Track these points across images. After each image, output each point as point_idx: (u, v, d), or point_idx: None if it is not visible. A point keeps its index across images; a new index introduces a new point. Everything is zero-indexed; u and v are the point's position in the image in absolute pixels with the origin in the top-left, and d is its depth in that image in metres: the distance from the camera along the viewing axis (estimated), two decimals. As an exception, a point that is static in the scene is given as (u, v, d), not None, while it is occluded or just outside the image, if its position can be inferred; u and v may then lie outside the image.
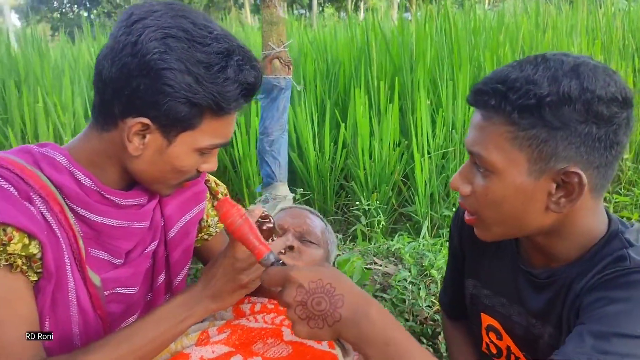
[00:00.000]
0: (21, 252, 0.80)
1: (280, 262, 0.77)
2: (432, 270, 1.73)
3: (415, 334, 1.57)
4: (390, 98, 3.16)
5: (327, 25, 5.64)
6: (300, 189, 2.87)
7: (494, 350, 1.02)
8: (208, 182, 1.13)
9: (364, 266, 1.76)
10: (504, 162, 0.78)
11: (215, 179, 1.17)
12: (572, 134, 0.74)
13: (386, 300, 1.62)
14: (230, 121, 0.88)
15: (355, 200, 2.89)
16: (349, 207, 3.01)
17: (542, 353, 0.88)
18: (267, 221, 0.90)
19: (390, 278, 1.73)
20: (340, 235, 2.26)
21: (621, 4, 4.93)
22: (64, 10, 26.79)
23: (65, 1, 26.40)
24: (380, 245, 2.05)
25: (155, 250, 1.02)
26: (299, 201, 2.88)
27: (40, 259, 0.82)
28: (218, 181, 1.17)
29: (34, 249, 0.81)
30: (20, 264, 0.81)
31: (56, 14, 26.25)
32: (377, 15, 5.37)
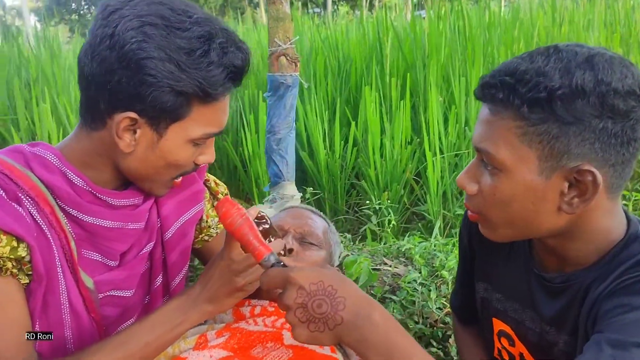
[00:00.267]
0: (10, 255, 0.78)
1: (281, 264, 0.74)
2: (443, 271, 1.68)
3: (425, 337, 1.53)
4: (402, 95, 3.12)
5: (340, 23, 5.61)
6: (310, 188, 2.84)
7: (507, 357, 0.98)
8: (208, 182, 1.10)
9: (372, 267, 1.72)
10: (512, 160, 0.73)
11: (215, 178, 1.14)
12: (586, 129, 0.69)
13: (395, 302, 1.58)
14: (221, 107, 0.84)
15: (366, 199, 2.86)
16: (360, 206, 2.97)
17: (557, 361, 0.84)
18: (263, 222, 0.87)
19: (400, 279, 1.69)
20: (349, 235, 2.22)
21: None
22: (81, 12, 27.16)
23: (83, 3, 26.77)
24: (390, 246, 2.00)
25: (152, 251, 0.99)
26: (309, 200, 2.85)
27: (29, 262, 0.81)
28: (218, 181, 1.14)
29: (22, 251, 0.79)
30: (11, 266, 0.79)
31: (74, 16, 26.62)
32: (391, 12, 5.32)
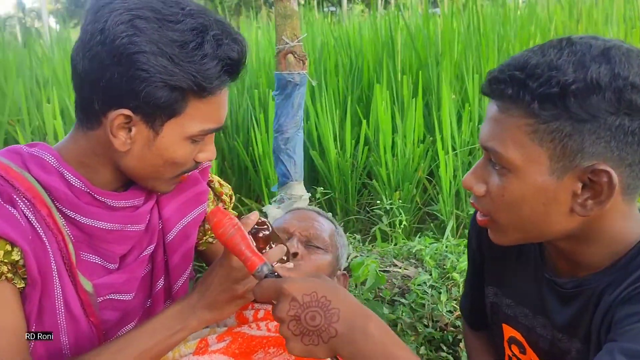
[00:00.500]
0: (4, 259, 0.77)
1: (275, 274, 0.73)
2: (454, 273, 1.64)
3: (435, 340, 1.50)
4: (414, 93, 3.07)
5: (353, 21, 5.57)
6: (321, 188, 2.81)
7: (517, 365, 0.94)
8: (212, 183, 1.08)
9: (381, 269, 1.68)
10: (522, 159, 0.70)
11: (219, 179, 1.12)
12: (601, 126, 0.65)
13: (404, 304, 1.55)
14: (218, 102, 0.82)
15: (378, 199, 2.82)
16: (371, 206, 2.93)
17: (569, 370, 0.80)
18: (264, 228, 0.85)
19: (410, 281, 1.65)
20: (358, 236, 2.19)
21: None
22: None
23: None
24: (400, 247, 1.97)
25: (153, 254, 0.97)
26: (320, 200, 2.82)
27: (23, 266, 0.79)
28: (223, 182, 1.12)
29: (16, 255, 0.78)
30: (6, 270, 0.78)
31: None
32: (405, 10, 5.27)
